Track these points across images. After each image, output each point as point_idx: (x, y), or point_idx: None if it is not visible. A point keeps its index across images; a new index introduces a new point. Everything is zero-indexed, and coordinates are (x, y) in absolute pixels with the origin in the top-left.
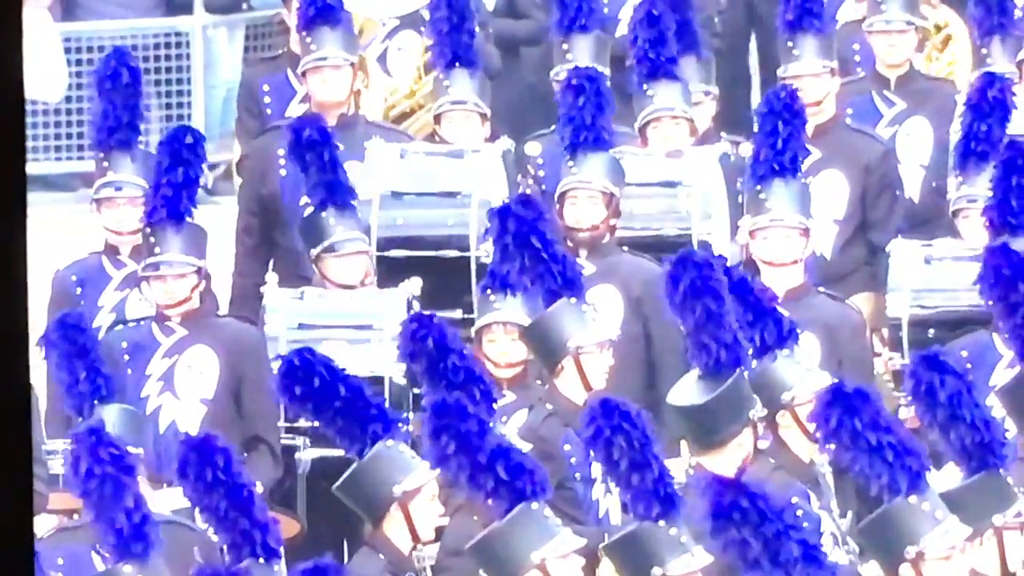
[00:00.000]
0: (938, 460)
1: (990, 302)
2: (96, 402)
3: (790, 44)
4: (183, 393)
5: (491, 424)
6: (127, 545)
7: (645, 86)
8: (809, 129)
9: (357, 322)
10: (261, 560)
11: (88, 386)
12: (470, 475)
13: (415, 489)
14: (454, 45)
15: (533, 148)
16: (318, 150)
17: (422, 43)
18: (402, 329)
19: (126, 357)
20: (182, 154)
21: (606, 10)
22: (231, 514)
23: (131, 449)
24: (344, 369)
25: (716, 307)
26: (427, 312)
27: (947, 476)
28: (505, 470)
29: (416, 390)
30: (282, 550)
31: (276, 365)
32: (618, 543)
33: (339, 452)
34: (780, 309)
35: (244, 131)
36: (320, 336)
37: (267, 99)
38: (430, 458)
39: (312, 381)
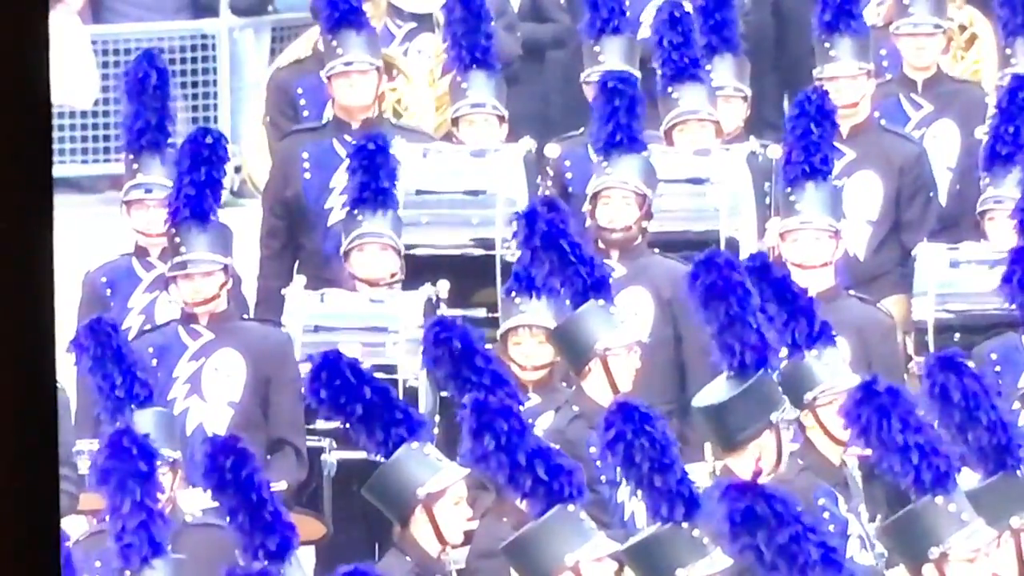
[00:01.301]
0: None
1: (1013, 304)
2: (134, 406)
3: (827, 45)
4: (210, 396)
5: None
6: (123, 552)
7: (670, 88)
8: (844, 130)
9: (372, 324)
10: (265, 562)
11: (125, 390)
12: (509, 474)
13: (439, 491)
14: (471, 47)
15: (552, 150)
16: (368, 159)
17: (441, 46)
18: (424, 333)
19: (154, 362)
20: (203, 154)
21: (628, 13)
22: (240, 515)
23: (169, 452)
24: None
25: (739, 308)
26: (449, 315)
27: (967, 479)
28: (544, 471)
29: (444, 393)
30: (294, 557)
31: (304, 367)
32: (641, 545)
33: (364, 454)
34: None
35: (276, 133)
36: (335, 339)
37: (303, 101)
38: (469, 456)
39: (339, 383)
